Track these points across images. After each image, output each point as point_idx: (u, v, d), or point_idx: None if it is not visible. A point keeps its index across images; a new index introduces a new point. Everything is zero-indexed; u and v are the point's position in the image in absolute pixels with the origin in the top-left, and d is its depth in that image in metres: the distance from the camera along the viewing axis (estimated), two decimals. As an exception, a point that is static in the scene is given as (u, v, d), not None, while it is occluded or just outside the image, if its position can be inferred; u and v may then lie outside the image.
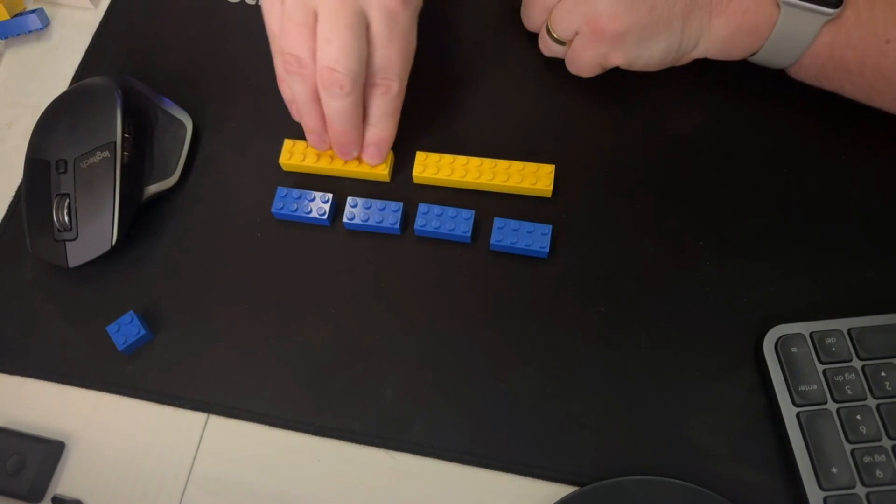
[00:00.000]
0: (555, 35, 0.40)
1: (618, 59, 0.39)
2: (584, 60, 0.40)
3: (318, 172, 0.43)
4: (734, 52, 0.39)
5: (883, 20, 0.35)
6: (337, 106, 0.37)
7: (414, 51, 0.39)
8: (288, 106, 0.41)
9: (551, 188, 0.40)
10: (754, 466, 0.35)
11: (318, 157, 0.42)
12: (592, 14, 0.37)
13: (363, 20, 0.36)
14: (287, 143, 0.43)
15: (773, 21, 0.36)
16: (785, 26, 0.36)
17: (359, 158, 0.41)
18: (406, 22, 0.37)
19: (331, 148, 0.41)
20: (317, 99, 0.38)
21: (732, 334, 0.37)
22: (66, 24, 0.51)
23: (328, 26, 0.35)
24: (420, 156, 0.42)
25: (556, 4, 0.39)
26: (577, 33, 0.39)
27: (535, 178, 0.40)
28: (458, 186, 0.41)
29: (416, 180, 0.42)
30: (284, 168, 0.43)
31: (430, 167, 0.41)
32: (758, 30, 0.37)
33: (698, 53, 0.40)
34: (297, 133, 0.42)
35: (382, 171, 0.42)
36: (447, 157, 0.41)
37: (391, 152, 0.42)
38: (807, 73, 0.39)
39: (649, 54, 0.39)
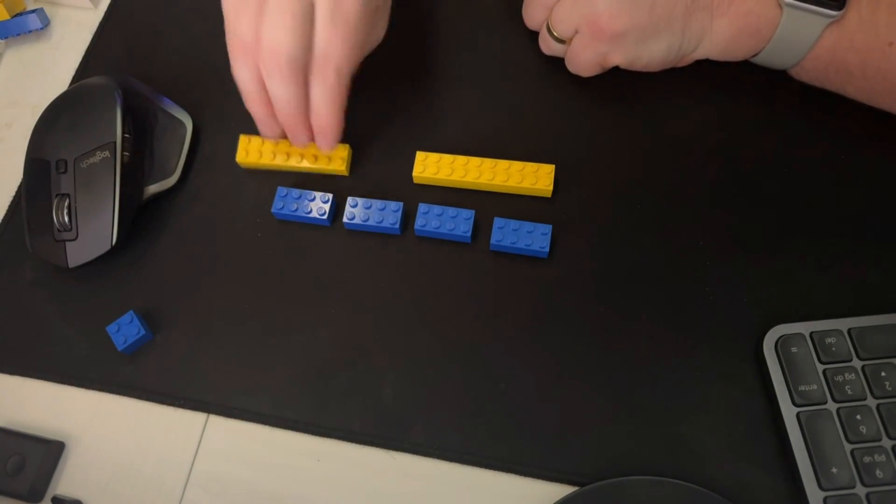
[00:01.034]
0: (555, 34, 0.40)
1: (617, 58, 0.39)
2: (584, 60, 0.40)
3: (275, 168, 0.43)
4: (736, 54, 0.39)
5: (886, 23, 0.35)
6: (279, 92, 0.37)
7: (361, 42, 0.38)
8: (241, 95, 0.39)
9: (551, 188, 0.40)
10: (754, 466, 0.35)
11: (275, 154, 0.42)
12: (592, 14, 0.37)
13: (309, 7, 0.35)
14: (242, 139, 0.43)
15: (776, 23, 0.36)
16: (787, 28, 0.36)
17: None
18: (352, 11, 0.36)
19: (284, 137, 0.40)
20: (262, 85, 0.37)
21: (732, 334, 0.37)
22: (66, 24, 0.51)
23: (273, 9, 0.35)
24: (420, 156, 0.42)
25: (557, 3, 0.39)
26: (576, 32, 0.39)
27: (535, 178, 0.40)
28: (458, 186, 0.41)
29: (416, 180, 0.42)
30: (242, 165, 0.43)
31: (430, 167, 0.41)
32: (760, 31, 0.37)
33: (700, 54, 0.40)
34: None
35: (340, 167, 0.42)
36: (447, 157, 0.41)
37: (347, 147, 0.42)
38: (808, 74, 0.39)
39: (649, 55, 0.39)
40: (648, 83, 0.43)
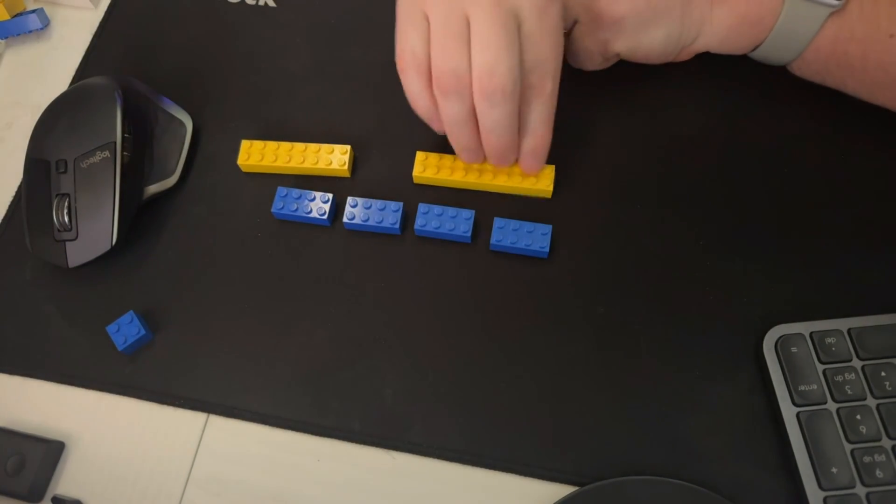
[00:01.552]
0: None
1: (618, 45, 0.39)
2: (585, 49, 0.40)
3: (277, 172, 0.43)
4: (737, 45, 0.39)
5: (887, 15, 0.35)
6: (497, 115, 0.34)
7: (563, 48, 0.36)
8: (427, 122, 0.38)
9: (551, 188, 0.40)
10: (754, 466, 0.35)
11: (276, 156, 0.42)
12: (590, 1, 0.37)
13: (516, 21, 0.33)
14: (244, 143, 0.43)
15: (777, 12, 0.36)
16: (789, 17, 0.36)
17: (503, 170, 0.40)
18: (555, 17, 0.34)
19: (485, 161, 0.39)
20: (473, 115, 0.35)
21: (732, 334, 0.37)
22: (66, 24, 0.51)
23: (484, 29, 0.33)
24: (420, 156, 0.42)
25: None
26: (576, 22, 0.39)
27: (536, 178, 0.40)
28: (458, 187, 0.41)
29: (416, 180, 0.42)
30: (244, 169, 0.43)
31: (430, 167, 0.41)
32: (762, 21, 0.37)
33: (700, 46, 0.40)
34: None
35: (342, 168, 0.42)
36: (447, 157, 0.41)
37: (349, 147, 0.42)
38: (809, 68, 0.39)
39: (649, 42, 0.38)
40: (649, 83, 0.43)
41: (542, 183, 0.40)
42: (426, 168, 0.41)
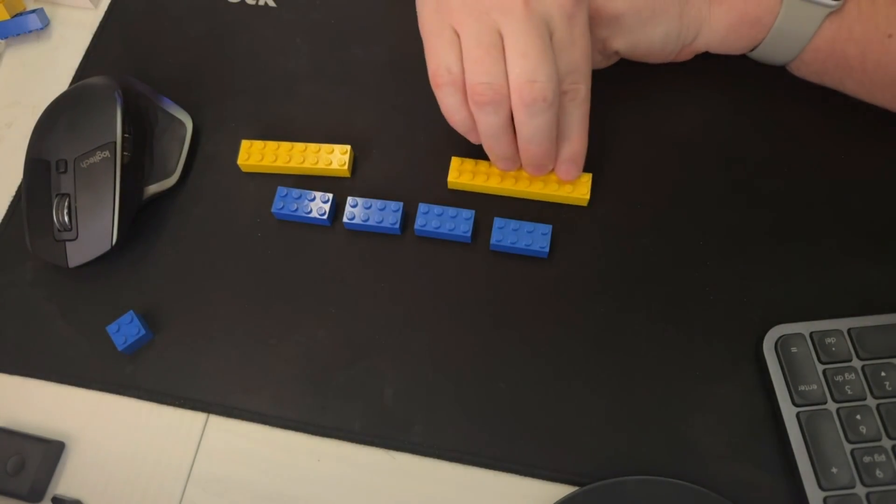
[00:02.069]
0: None
1: (617, 43, 0.39)
2: None
3: (277, 172, 0.43)
4: (736, 45, 0.39)
5: (885, 14, 0.35)
6: (538, 123, 0.34)
7: (591, 52, 0.36)
8: (465, 135, 0.38)
9: (588, 196, 0.40)
10: (754, 466, 0.35)
11: (276, 156, 0.42)
12: None
13: (548, 28, 0.33)
14: (244, 143, 0.43)
15: (776, 12, 0.37)
16: (787, 18, 0.36)
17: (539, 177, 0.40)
18: (584, 21, 0.35)
19: (521, 168, 0.39)
20: (510, 125, 0.36)
21: (732, 334, 0.37)
22: (66, 24, 0.51)
23: (520, 39, 0.33)
24: (455, 161, 0.41)
25: None
26: None
27: (573, 186, 0.40)
28: (493, 193, 0.41)
29: (450, 185, 0.41)
30: (244, 169, 0.43)
31: (466, 173, 0.41)
32: (760, 21, 0.37)
33: (700, 46, 0.40)
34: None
35: (342, 168, 0.42)
36: (483, 164, 0.41)
37: (349, 148, 0.42)
38: (808, 68, 0.39)
39: (648, 40, 0.39)
40: (649, 83, 0.43)
41: (578, 191, 0.40)
42: (461, 174, 0.41)
